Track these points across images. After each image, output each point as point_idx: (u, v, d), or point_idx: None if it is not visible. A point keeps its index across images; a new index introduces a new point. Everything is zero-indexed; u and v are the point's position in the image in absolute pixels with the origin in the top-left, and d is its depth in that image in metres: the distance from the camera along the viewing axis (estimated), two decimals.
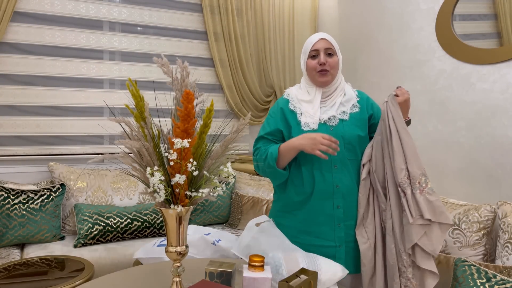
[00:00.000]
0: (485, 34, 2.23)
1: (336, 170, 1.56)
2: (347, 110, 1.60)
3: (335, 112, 1.59)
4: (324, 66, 1.56)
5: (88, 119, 2.97)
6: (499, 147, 2.13)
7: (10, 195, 2.39)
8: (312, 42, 1.59)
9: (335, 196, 1.56)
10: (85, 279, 1.87)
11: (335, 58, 1.59)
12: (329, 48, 1.58)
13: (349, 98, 1.62)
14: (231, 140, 1.18)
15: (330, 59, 1.57)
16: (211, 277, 1.28)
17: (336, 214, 1.56)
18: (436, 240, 1.44)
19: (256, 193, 3.00)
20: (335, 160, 1.56)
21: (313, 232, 1.58)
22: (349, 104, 1.61)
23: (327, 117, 1.58)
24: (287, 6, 3.42)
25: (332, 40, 1.60)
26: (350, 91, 1.65)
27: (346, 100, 1.61)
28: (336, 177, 1.56)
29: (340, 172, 1.56)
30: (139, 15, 3.07)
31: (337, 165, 1.57)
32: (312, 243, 1.57)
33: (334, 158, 1.56)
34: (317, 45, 1.58)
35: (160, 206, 1.13)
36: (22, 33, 2.75)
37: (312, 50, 1.59)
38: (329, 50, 1.58)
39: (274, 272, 1.35)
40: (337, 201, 1.56)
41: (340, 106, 1.60)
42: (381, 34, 2.87)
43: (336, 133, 1.56)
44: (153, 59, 1.16)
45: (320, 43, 1.58)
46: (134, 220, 2.61)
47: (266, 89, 3.47)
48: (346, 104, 1.61)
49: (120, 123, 1.09)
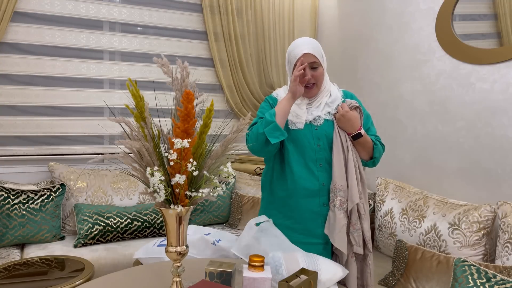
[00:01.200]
0: (485, 34, 2.23)
1: (321, 168, 1.61)
2: (332, 110, 1.64)
3: (320, 113, 1.63)
4: (310, 80, 1.59)
5: (88, 119, 2.97)
6: (499, 147, 2.13)
7: (10, 195, 2.39)
8: (296, 56, 1.58)
9: (321, 194, 1.61)
10: (85, 279, 1.87)
11: (320, 69, 1.60)
12: (314, 62, 1.58)
13: (334, 99, 1.66)
14: (231, 140, 1.18)
15: (316, 72, 1.59)
16: (211, 277, 1.28)
17: (322, 212, 1.61)
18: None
19: (256, 193, 3.00)
20: (320, 159, 1.61)
21: (299, 229, 1.62)
22: (334, 104, 1.65)
23: (313, 118, 1.63)
24: (287, 6, 3.42)
25: (316, 52, 1.58)
26: (336, 92, 1.68)
27: (332, 101, 1.65)
28: (321, 175, 1.61)
29: (325, 171, 1.61)
30: (139, 15, 3.07)
31: (322, 164, 1.61)
32: (299, 240, 1.60)
33: (319, 157, 1.61)
34: (301, 60, 1.57)
35: (160, 206, 1.13)
36: (22, 33, 2.75)
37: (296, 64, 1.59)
38: (313, 64, 1.58)
39: (274, 272, 1.35)
40: (323, 198, 1.61)
41: (325, 107, 1.64)
42: (381, 34, 2.87)
43: (321, 133, 1.61)
44: (153, 59, 1.17)
45: (304, 58, 1.57)
46: (134, 220, 2.61)
47: (266, 89, 3.47)
48: (331, 105, 1.64)
49: (120, 123, 1.09)
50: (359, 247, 1.58)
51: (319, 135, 1.61)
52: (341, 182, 1.57)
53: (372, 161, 1.68)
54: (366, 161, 1.69)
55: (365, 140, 1.62)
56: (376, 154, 1.66)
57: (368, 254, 1.62)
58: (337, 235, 1.54)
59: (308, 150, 1.61)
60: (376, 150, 1.65)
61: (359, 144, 1.62)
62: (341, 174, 1.58)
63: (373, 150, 1.65)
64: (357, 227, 1.58)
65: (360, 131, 1.60)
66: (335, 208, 1.56)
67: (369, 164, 1.70)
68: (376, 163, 1.70)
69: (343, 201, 1.56)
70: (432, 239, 2.08)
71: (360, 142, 1.61)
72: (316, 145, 1.61)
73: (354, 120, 1.59)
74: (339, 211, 1.55)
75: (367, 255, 1.62)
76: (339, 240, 1.54)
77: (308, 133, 1.62)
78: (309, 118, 1.63)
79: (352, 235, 1.57)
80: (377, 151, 1.66)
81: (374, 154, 1.66)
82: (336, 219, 1.55)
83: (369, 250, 1.61)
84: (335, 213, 1.56)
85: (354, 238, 1.57)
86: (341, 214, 1.55)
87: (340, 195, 1.56)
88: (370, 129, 1.71)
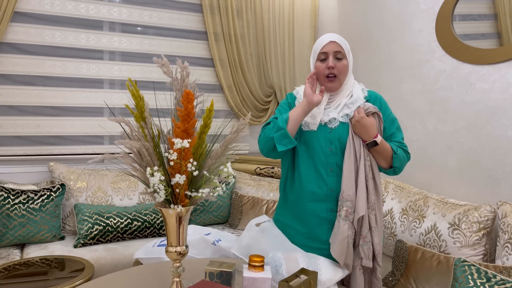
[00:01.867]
0: (485, 34, 2.23)
1: (332, 173, 1.53)
2: (351, 112, 1.54)
3: (337, 115, 1.55)
4: (332, 70, 1.51)
5: (88, 119, 2.97)
6: (499, 147, 2.13)
7: (10, 195, 2.39)
8: (321, 44, 1.54)
9: (329, 200, 1.54)
10: (85, 279, 1.87)
11: (344, 61, 1.53)
12: (339, 51, 1.52)
13: (355, 100, 1.55)
14: (231, 140, 1.19)
15: (339, 63, 1.52)
16: (211, 277, 1.28)
17: (329, 218, 1.54)
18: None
19: (256, 193, 3.00)
20: (331, 163, 1.53)
21: (307, 233, 1.57)
22: (354, 106, 1.55)
23: (328, 119, 1.55)
24: (287, 6, 3.42)
25: (342, 43, 1.54)
26: (358, 93, 1.58)
27: (352, 102, 1.55)
28: (330, 180, 1.53)
29: (336, 176, 1.53)
30: (139, 15, 3.07)
31: (333, 169, 1.54)
32: (305, 244, 1.56)
33: (330, 161, 1.53)
34: (326, 48, 1.53)
35: (160, 206, 1.13)
36: (22, 33, 2.75)
37: (321, 53, 1.54)
38: (338, 54, 1.52)
39: (274, 272, 1.35)
40: (331, 204, 1.54)
41: (344, 108, 1.55)
42: (380, 34, 2.87)
43: (334, 136, 1.54)
44: (153, 59, 1.17)
45: (330, 46, 1.52)
46: (134, 220, 2.61)
47: (266, 89, 3.47)
48: (351, 106, 1.55)
49: (120, 123, 1.09)
50: (368, 260, 1.48)
51: (332, 139, 1.53)
52: (349, 192, 1.48)
53: (393, 170, 1.58)
54: (385, 169, 1.59)
55: (382, 148, 1.51)
56: (396, 164, 1.55)
57: (377, 268, 1.52)
58: (337, 247, 1.46)
59: (318, 153, 1.54)
60: (396, 160, 1.54)
61: (376, 152, 1.52)
62: (350, 183, 1.49)
63: (392, 159, 1.54)
64: (367, 240, 1.48)
65: (376, 139, 1.49)
66: (340, 218, 1.48)
67: (390, 173, 1.60)
68: (398, 172, 1.59)
69: (349, 211, 1.48)
70: (432, 239, 2.08)
71: (377, 150, 1.51)
72: (328, 149, 1.53)
73: (370, 126, 1.49)
74: (344, 222, 1.47)
75: (376, 268, 1.52)
76: (339, 252, 1.46)
77: (320, 136, 1.54)
78: (324, 119, 1.55)
79: (362, 247, 1.49)
80: (397, 161, 1.54)
81: (394, 164, 1.55)
82: (339, 230, 1.47)
83: (378, 264, 1.51)
84: (339, 223, 1.48)
85: (364, 251, 1.48)
86: (345, 226, 1.47)
87: (347, 205, 1.48)
88: (395, 134, 1.60)
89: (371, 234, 1.49)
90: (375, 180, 1.53)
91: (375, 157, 1.54)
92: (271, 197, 2.93)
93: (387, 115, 1.60)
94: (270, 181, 3.06)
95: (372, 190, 1.51)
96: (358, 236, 1.50)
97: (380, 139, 1.50)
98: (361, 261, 1.49)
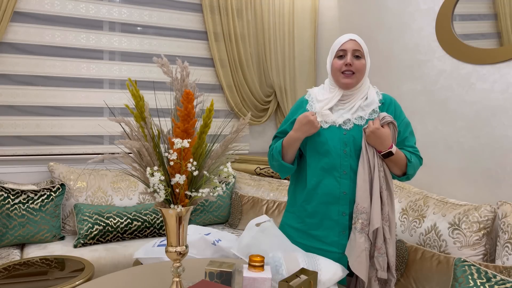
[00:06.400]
0: (485, 34, 2.23)
1: (345, 176, 1.51)
2: (365, 115, 1.53)
3: (351, 116, 1.53)
4: (349, 67, 1.50)
5: (88, 119, 2.97)
6: (499, 147, 2.13)
7: (10, 195, 2.39)
8: (340, 42, 1.53)
9: (342, 203, 1.52)
10: (85, 279, 1.87)
11: (362, 61, 1.52)
12: (358, 50, 1.52)
13: (370, 103, 1.54)
14: (231, 140, 1.18)
15: (357, 61, 1.51)
16: (211, 277, 1.28)
17: (341, 221, 1.53)
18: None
19: (256, 193, 3.00)
20: (345, 166, 1.51)
21: (317, 235, 1.56)
22: (369, 109, 1.53)
23: (342, 121, 1.53)
24: (287, 6, 3.42)
25: (362, 43, 1.54)
26: (373, 96, 1.56)
27: (367, 105, 1.54)
28: (344, 183, 1.51)
29: (349, 179, 1.51)
30: (139, 15, 3.07)
31: (347, 171, 1.51)
32: (315, 246, 1.55)
33: (344, 163, 1.51)
34: (346, 45, 1.52)
35: (160, 206, 1.13)
36: (22, 33, 2.75)
37: (339, 50, 1.53)
38: (357, 52, 1.52)
39: (274, 272, 1.35)
40: (343, 207, 1.52)
41: (359, 110, 1.54)
42: (381, 34, 2.87)
43: (349, 138, 1.51)
44: (153, 59, 1.17)
45: (349, 44, 1.52)
46: (134, 220, 2.61)
47: (266, 89, 3.47)
48: (366, 109, 1.53)
49: (120, 123, 1.09)
50: (383, 271, 1.47)
51: (346, 140, 1.51)
52: (364, 204, 1.46)
53: (406, 176, 1.56)
54: (398, 176, 1.57)
55: (397, 158, 1.49)
56: (410, 171, 1.53)
57: (392, 280, 1.50)
58: (356, 261, 1.43)
59: (333, 154, 1.51)
60: (410, 167, 1.52)
61: (391, 161, 1.50)
62: (364, 195, 1.46)
63: (406, 166, 1.52)
64: (382, 251, 1.47)
65: (391, 150, 1.47)
66: (356, 230, 1.45)
67: (402, 179, 1.58)
68: (411, 178, 1.58)
69: (365, 224, 1.45)
70: (432, 239, 2.07)
71: (391, 160, 1.49)
72: (342, 151, 1.51)
73: (385, 137, 1.45)
74: (360, 235, 1.44)
75: (390, 280, 1.50)
76: (358, 266, 1.43)
77: (335, 137, 1.52)
78: (339, 121, 1.53)
79: (377, 259, 1.47)
80: (411, 168, 1.53)
81: (408, 171, 1.53)
82: (356, 243, 1.44)
83: (393, 276, 1.50)
84: (355, 236, 1.45)
85: (379, 263, 1.46)
86: (361, 238, 1.44)
87: (362, 217, 1.45)
88: (408, 138, 1.58)
89: (386, 246, 1.48)
90: (389, 191, 1.51)
91: (389, 165, 1.53)
92: (271, 197, 2.93)
93: (401, 119, 1.59)
94: (270, 181, 3.06)
95: (387, 201, 1.49)
96: (373, 248, 1.49)
97: (395, 149, 1.49)
98: (376, 272, 1.48)
